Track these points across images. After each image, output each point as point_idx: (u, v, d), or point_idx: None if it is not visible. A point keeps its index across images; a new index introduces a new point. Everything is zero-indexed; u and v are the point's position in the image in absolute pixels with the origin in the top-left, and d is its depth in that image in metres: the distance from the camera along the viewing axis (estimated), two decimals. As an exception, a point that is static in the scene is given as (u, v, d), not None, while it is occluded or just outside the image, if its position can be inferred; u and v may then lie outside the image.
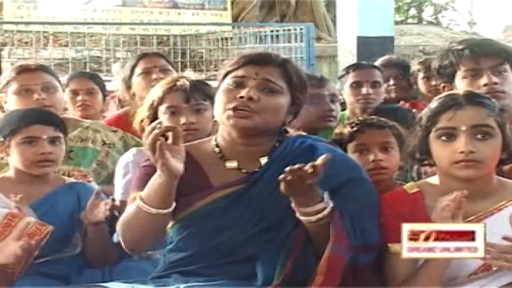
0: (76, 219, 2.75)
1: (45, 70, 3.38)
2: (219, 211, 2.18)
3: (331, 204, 2.10)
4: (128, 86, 3.78)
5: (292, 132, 2.51)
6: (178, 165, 2.10)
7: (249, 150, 2.25)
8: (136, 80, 3.73)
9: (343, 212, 2.13)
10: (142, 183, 2.23)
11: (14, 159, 2.77)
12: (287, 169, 2.02)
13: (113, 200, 2.73)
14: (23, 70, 3.31)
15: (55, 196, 2.77)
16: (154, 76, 3.66)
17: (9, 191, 2.73)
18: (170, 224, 2.23)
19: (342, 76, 4.05)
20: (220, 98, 2.24)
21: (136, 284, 2.22)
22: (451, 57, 2.78)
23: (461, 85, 2.73)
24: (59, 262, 2.69)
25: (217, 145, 2.29)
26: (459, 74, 2.77)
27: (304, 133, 2.90)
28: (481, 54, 2.73)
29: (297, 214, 2.11)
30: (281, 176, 2.03)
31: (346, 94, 3.96)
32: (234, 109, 2.18)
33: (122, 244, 2.24)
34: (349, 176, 2.22)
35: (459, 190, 2.14)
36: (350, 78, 3.93)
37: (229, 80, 2.25)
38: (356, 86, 3.90)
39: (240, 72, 2.25)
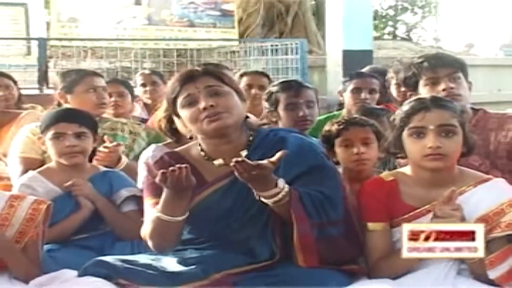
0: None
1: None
2: (215, 203, 2.15)
3: (286, 189, 2.04)
4: None
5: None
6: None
7: (229, 147, 2.21)
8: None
9: (304, 193, 2.08)
10: (152, 192, 2.21)
11: (50, 152, 2.78)
12: (234, 160, 1.97)
13: None
14: (89, 74, 3.38)
15: (91, 182, 2.75)
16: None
17: (53, 178, 2.76)
18: None
19: (346, 81, 4.04)
20: (186, 118, 2.20)
21: (159, 256, 2.22)
22: (413, 69, 2.76)
23: (423, 91, 2.71)
24: (95, 237, 2.69)
25: (201, 150, 2.26)
26: (421, 83, 2.75)
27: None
28: (437, 65, 2.72)
29: (257, 198, 2.06)
30: (231, 164, 1.97)
31: (347, 97, 3.96)
32: (207, 117, 2.15)
33: (152, 248, 2.19)
34: (314, 163, 2.18)
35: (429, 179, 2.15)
36: (352, 84, 3.93)
37: (180, 103, 2.20)
38: (356, 92, 3.90)
39: (184, 93, 2.19)
